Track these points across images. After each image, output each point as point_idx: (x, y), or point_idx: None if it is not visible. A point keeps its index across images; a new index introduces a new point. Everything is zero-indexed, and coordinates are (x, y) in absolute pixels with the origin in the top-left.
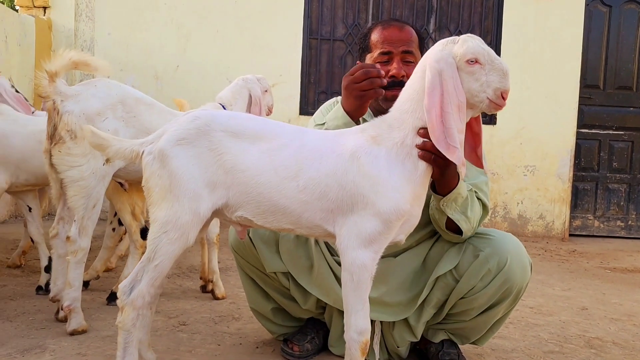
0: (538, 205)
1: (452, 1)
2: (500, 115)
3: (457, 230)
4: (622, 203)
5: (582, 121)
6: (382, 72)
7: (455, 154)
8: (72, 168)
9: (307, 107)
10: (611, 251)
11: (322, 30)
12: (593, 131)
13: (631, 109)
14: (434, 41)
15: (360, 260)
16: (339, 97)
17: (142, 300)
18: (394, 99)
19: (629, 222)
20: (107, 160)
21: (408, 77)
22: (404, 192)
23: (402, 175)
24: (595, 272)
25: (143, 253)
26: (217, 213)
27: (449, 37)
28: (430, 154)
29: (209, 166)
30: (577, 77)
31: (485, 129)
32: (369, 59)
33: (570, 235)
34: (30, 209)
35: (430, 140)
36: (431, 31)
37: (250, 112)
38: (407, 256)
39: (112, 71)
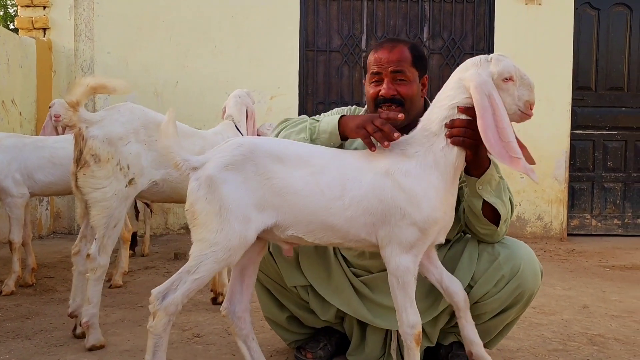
0: (536, 206)
1: (445, 9)
2: None
3: (493, 220)
4: (618, 201)
5: (576, 122)
6: (395, 131)
7: (520, 165)
8: (95, 190)
9: None
10: (609, 249)
11: (318, 42)
12: (587, 132)
13: (623, 108)
14: (428, 49)
15: (403, 265)
16: (345, 108)
17: (175, 308)
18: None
19: (626, 220)
20: (130, 183)
21: (400, 95)
22: (435, 202)
23: (432, 186)
24: (594, 270)
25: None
26: (265, 233)
27: (442, 44)
28: (459, 138)
29: (256, 190)
30: (569, 79)
31: None
32: (367, 79)
33: (569, 235)
34: None
35: (457, 128)
36: (425, 39)
37: (247, 126)
38: None
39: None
